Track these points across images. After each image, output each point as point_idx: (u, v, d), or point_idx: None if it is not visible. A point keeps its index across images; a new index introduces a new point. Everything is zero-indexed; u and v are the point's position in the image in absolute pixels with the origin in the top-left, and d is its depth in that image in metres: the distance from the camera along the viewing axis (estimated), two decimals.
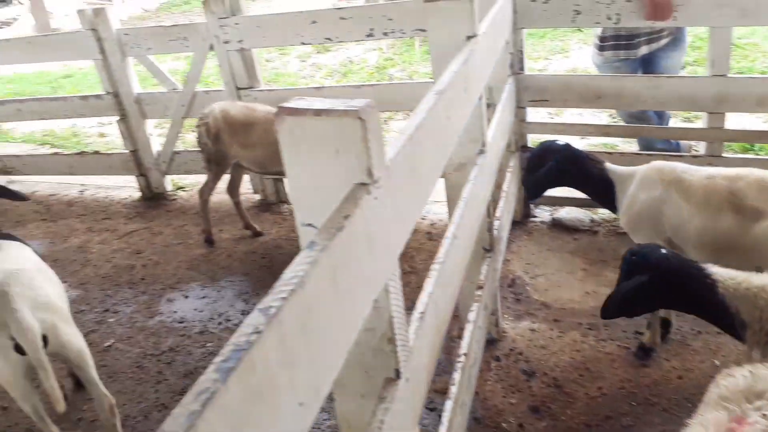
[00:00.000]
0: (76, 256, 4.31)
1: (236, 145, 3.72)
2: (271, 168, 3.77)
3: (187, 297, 3.66)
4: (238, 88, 4.21)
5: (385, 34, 3.69)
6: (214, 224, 4.51)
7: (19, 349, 2.08)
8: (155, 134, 4.99)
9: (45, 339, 2.11)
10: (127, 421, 2.70)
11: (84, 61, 10.83)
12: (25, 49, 4.75)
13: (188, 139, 5.82)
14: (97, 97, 4.74)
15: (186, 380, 2.95)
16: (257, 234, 4.27)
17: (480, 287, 2.30)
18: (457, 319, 2.44)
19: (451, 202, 2.19)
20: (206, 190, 4.05)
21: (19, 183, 5.33)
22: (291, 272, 0.86)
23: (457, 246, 1.79)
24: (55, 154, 5.54)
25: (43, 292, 2.17)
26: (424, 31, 3.61)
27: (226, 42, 4.05)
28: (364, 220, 1.03)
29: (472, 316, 2.16)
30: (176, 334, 3.31)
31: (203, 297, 3.64)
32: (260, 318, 0.76)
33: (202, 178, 5.18)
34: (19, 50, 4.75)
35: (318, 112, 1.02)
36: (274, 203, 4.69)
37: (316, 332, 0.87)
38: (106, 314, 3.58)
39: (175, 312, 3.52)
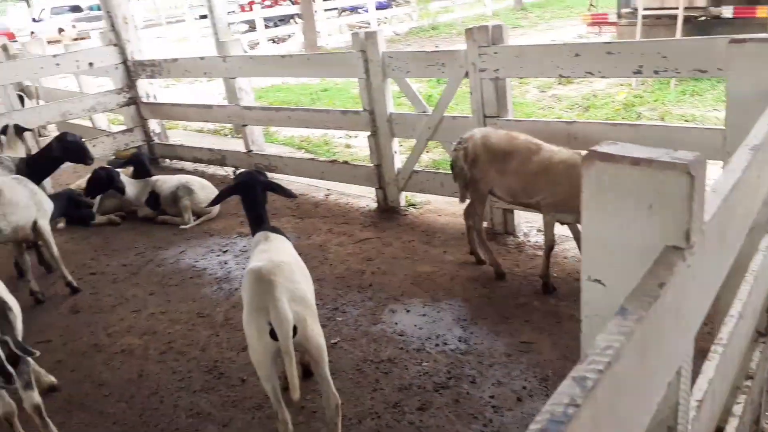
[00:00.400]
0: (316, 253, 4.72)
1: (493, 172, 3.74)
2: (522, 199, 3.72)
3: (408, 311, 3.77)
4: (486, 116, 4.25)
5: (656, 72, 3.41)
6: (439, 244, 4.61)
7: (272, 335, 2.30)
8: (398, 152, 5.28)
9: (295, 330, 2.31)
10: (342, 422, 2.85)
11: (337, 78, 12.08)
12: (305, 64, 5.40)
13: (423, 160, 6.07)
14: (356, 113, 5.18)
15: (400, 394, 3.02)
16: (480, 262, 4.25)
17: (750, 377, 1.96)
18: None
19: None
20: (476, 219, 4.04)
21: (277, 181, 6.06)
22: (604, 341, 0.78)
23: (742, 327, 1.54)
24: (312, 159, 6.17)
25: (300, 287, 2.39)
26: (703, 72, 3.26)
27: (482, 70, 4.12)
28: (675, 290, 0.91)
29: (737, 409, 1.85)
30: (395, 346, 3.42)
31: (423, 315, 3.71)
32: (576, 389, 0.69)
33: (433, 198, 5.39)
34: (300, 65, 5.42)
35: (636, 161, 0.93)
36: (500, 233, 4.63)
37: (620, 414, 0.78)
38: (335, 312, 3.85)
39: (396, 323, 3.65)
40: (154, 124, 7.63)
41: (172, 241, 5.30)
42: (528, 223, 4.76)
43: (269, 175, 3.46)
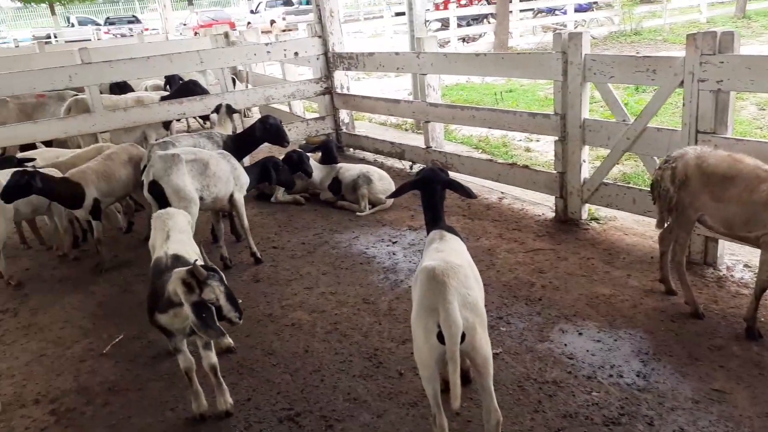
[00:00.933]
0: (483, 257, 4.57)
1: (706, 198, 3.27)
2: (740, 231, 3.21)
3: (580, 334, 3.48)
4: (699, 132, 3.76)
5: None
6: (622, 266, 4.21)
7: (440, 338, 2.22)
8: (587, 161, 4.92)
9: (463, 336, 2.20)
10: None
11: (523, 80, 11.70)
12: (498, 63, 5.25)
13: (613, 172, 5.60)
14: (545, 116, 4.92)
15: (564, 421, 2.78)
16: (670, 292, 3.79)
17: None
18: None
19: None
20: (678, 249, 3.60)
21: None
22: None
23: None
24: (490, 160, 6.02)
25: (473, 293, 2.28)
26: None
27: (702, 80, 3.64)
28: None
29: None
30: (562, 369, 3.17)
31: (597, 340, 3.40)
32: None
33: (621, 215, 4.95)
34: (493, 64, 5.28)
35: None
36: (697, 263, 4.10)
37: None
38: (499, 322, 3.68)
39: (565, 345, 3.38)
40: (343, 114, 8.01)
41: (347, 226, 5.49)
42: (733, 255, 4.17)
43: None
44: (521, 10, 20.14)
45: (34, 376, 3.46)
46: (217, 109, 5.90)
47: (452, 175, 6.17)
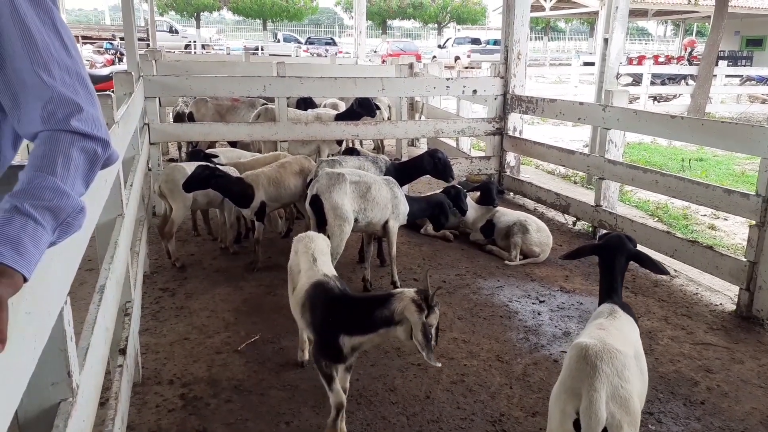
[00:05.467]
0: (642, 339, 4.05)
1: None
2: None
3: None
4: None
5: None
6: None
7: (576, 426, 1.94)
8: None
9: None
10: None
11: (717, 150, 10.58)
12: (696, 130, 4.72)
13: None
14: (743, 195, 4.31)
15: None
16: None
17: None
18: None
19: None
20: None
21: None
22: None
23: None
24: (668, 233, 5.42)
25: (627, 387, 1.97)
26: None
27: None
28: None
29: None
30: None
31: None
32: None
33: None
34: (689, 129, 4.75)
35: None
36: None
37: None
38: (649, 418, 3.21)
39: None
40: (510, 157, 7.79)
41: (492, 272, 5.25)
42: None
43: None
44: (727, 75, 18.40)
45: (175, 357, 3.68)
46: None
47: None
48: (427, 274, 2.80)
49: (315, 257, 3.11)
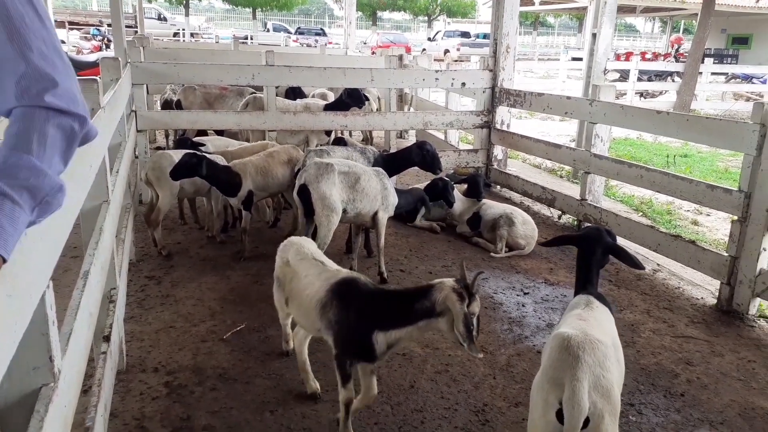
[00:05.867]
0: (624, 331, 4.13)
1: None
2: None
3: None
4: None
5: None
6: None
7: (559, 416, 1.97)
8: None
9: (586, 422, 1.93)
10: None
11: (702, 146, 10.70)
12: (681, 125, 4.76)
13: None
14: (726, 191, 4.37)
15: None
16: None
17: None
18: None
19: None
20: None
21: None
22: None
23: None
24: (651, 227, 5.48)
25: (608, 377, 1.99)
26: None
27: None
28: None
29: None
30: None
31: None
32: None
33: None
34: (675, 125, 4.81)
35: None
36: None
37: None
38: (629, 409, 3.27)
39: None
40: (498, 150, 7.82)
41: (478, 264, 5.28)
42: None
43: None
44: (713, 73, 18.56)
45: (160, 345, 3.67)
46: None
47: None
48: (462, 263, 2.65)
49: (321, 260, 3.00)
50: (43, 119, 1.20)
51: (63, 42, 19.63)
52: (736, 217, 4.33)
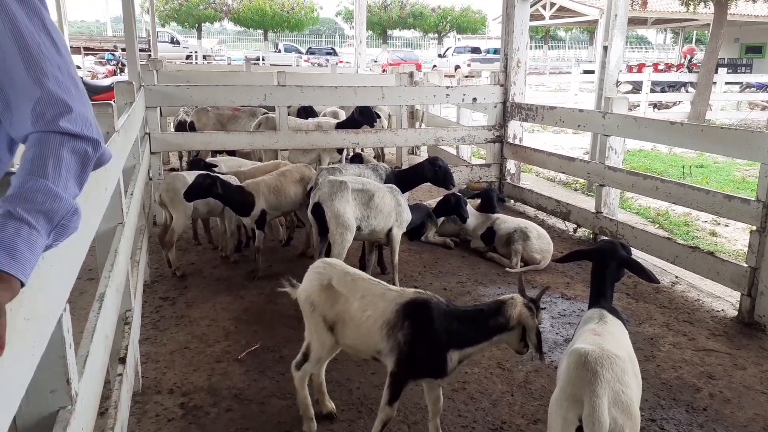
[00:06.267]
0: (643, 345, 4.07)
1: None
2: None
3: None
4: None
5: None
6: None
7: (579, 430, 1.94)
8: None
9: None
10: None
11: (718, 156, 10.60)
12: (696, 136, 4.73)
13: None
14: (744, 201, 4.31)
15: None
16: None
17: None
18: None
19: None
20: None
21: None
22: None
23: None
24: (669, 239, 5.41)
25: (627, 392, 1.96)
26: None
27: None
28: None
29: None
30: None
31: None
32: None
33: None
34: (689, 136, 4.77)
35: None
36: None
37: None
38: (651, 425, 3.20)
39: None
40: (511, 165, 7.80)
41: (493, 280, 5.25)
42: None
43: None
44: (727, 83, 18.43)
45: (175, 366, 3.67)
46: None
47: None
48: (520, 278, 2.88)
49: (370, 278, 2.93)
50: (57, 144, 1.22)
51: (78, 67, 20.04)
52: (754, 227, 4.27)
